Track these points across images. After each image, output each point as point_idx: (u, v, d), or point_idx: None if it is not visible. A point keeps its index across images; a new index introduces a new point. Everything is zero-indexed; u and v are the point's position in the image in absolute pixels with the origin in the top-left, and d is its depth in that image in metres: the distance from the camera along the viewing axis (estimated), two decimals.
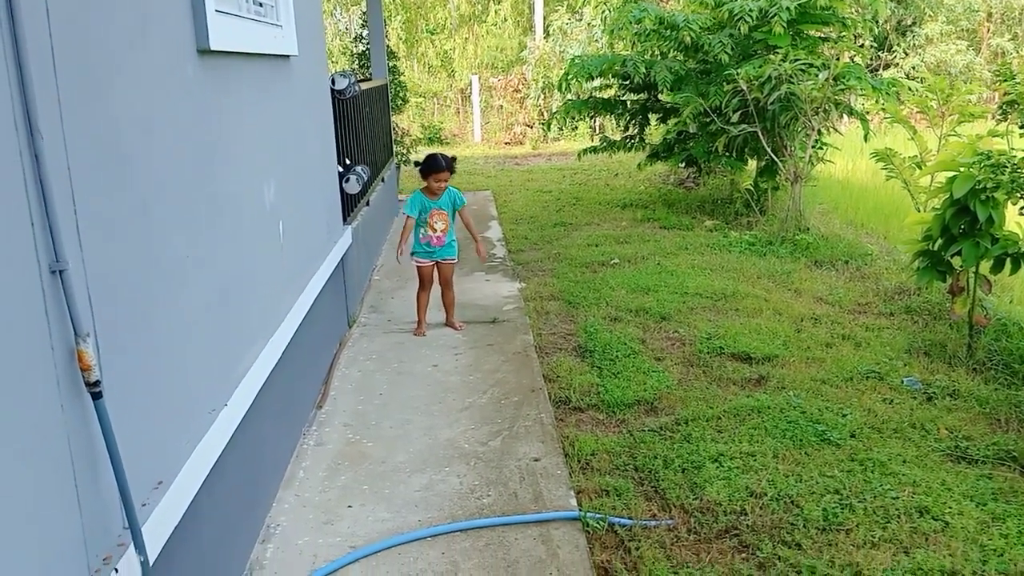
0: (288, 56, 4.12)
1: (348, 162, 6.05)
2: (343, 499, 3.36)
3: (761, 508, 3.23)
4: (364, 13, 10.43)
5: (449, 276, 5.59)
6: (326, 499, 3.36)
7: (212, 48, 2.70)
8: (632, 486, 3.48)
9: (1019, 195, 3.78)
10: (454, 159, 5.53)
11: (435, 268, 5.60)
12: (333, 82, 5.54)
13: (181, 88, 2.53)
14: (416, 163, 5.52)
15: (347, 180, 5.69)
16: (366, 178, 6.04)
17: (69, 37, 1.80)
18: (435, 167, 5.32)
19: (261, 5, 3.82)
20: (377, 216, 7.80)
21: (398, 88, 11.41)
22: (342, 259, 5.39)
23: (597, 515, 3.19)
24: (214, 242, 2.76)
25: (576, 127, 18.52)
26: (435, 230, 5.51)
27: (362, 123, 7.18)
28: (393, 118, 11.35)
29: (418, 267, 5.58)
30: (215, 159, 2.83)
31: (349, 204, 6.03)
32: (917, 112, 6.66)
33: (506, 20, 24.30)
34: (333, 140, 5.47)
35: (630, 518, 3.20)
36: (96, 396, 1.77)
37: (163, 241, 2.28)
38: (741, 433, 3.88)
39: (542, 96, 19.08)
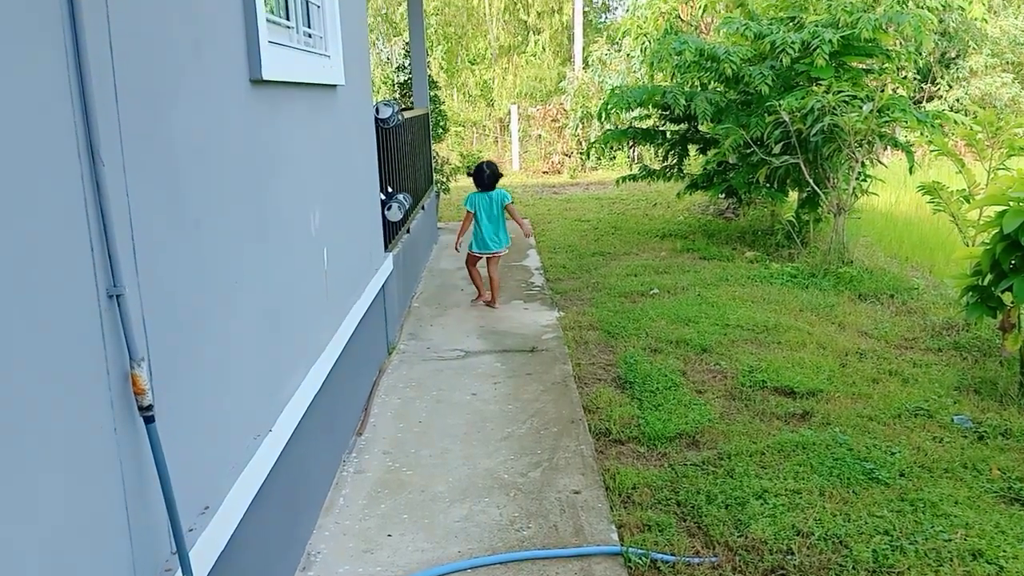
0: (335, 86, 4.18)
1: (390, 190, 6.10)
2: (383, 528, 3.34)
3: (808, 548, 3.15)
4: (407, 43, 10.58)
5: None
6: (366, 527, 3.35)
7: (265, 78, 2.75)
8: (674, 521, 3.42)
9: None
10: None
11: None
12: (377, 111, 5.62)
13: (234, 116, 2.58)
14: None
15: (389, 208, 5.74)
16: (407, 206, 6.09)
17: (130, 66, 1.84)
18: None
19: (310, 36, 3.90)
20: (417, 244, 7.85)
21: (439, 117, 11.53)
22: (383, 286, 5.42)
23: (639, 551, 3.13)
24: (262, 267, 2.79)
25: (614, 156, 18.55)
26: None
27: (404, 152, 7.26)
28: (433, 147, 11.46)
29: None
30: (264, 187, 2.87)
31: (390, 232, 6.07)
32: (964, 145, 6.56)
33: (545, 50, 24.54)
34: (376, 168, 5.53)
35: (673, 554, 3.15)
36: (148, 420, 1.78)
37: (214, 266, 2.31)
38: (786, 469, 3.80)
39: (580, 126, 19.15)
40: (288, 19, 3.44)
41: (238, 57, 2.62)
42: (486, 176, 6.86)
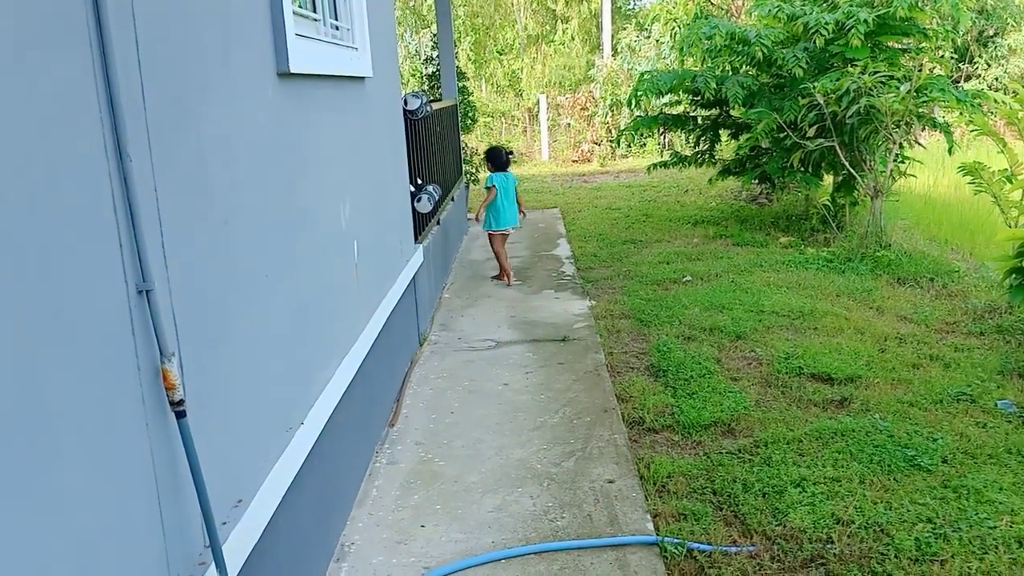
0: (363, 77, 4.18)
1: (420, 181, 6.10)
2: (416, 519, 3.35)
3: (849, 536, 3.10)
4: (435, 35, 10.56)
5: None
6: (399, 518, 3.35)
7: (292, 71, 2.75)
8: (711, 510, 3.38)
9: None
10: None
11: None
12: (405, 102, 5.61)
13: (262, 110, 2.57)
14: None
15: (419, 199, 5.73)
16: (437, 197, 6.08)
17: (156, 62, 1.84)
18: None
19: (338, 28, 3.89)
20: (447, 235, 7.84)
21: (467, 108, 11.51)
22: (413, 278, 5.42)
23: (675, 540, 3.10)
24: (292, 260, 2.79)
25: (644, 143, 18.40)
26: None
27: (433, 143, 7.25)
28: (462, 137, 11.45)
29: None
30: (293, 179, 2.87)
31: (420, 223, 6.07)
32: (1004, 124, 6.38)
33: (574, 39, 24.39)
34: (405, 160, 5.52)
35: (710, 544, 3.11)
36: (180, 415, 1.79)
37: (244, 259, 2.31)
38: (824, 457, 3.74)
39: (610, 113, 19.01)
40: (315, 12, 3.43)
41: (265, 51, 2.62)
42: (505, 157, 7.53)
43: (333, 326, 3.33)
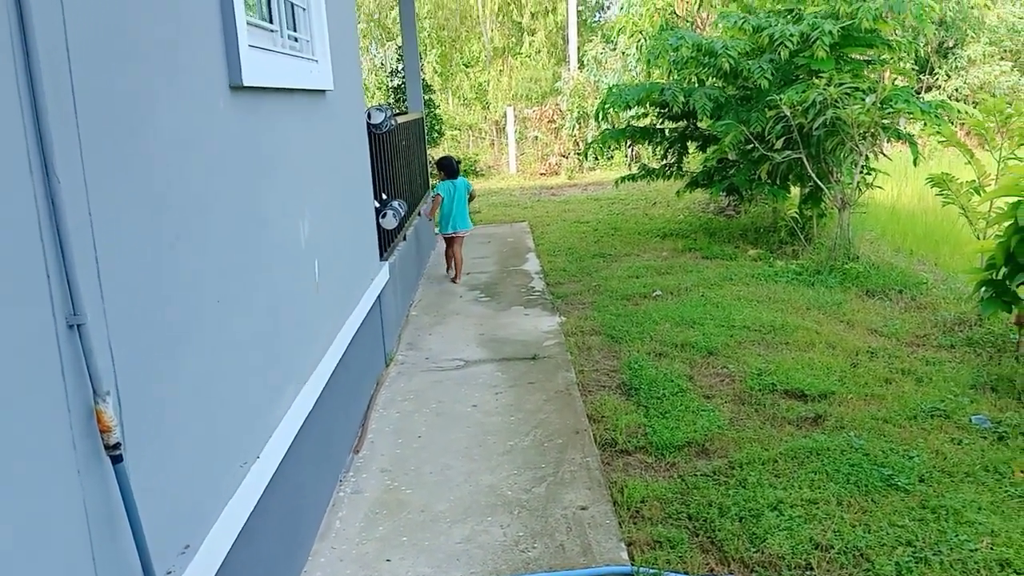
0: (324, 91, 4.04)
1: (385, 197, 5.96)
2: (382, 552, 3.20)
3: (828, 562, 3.01)
4: (399, 48, 10.44)
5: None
6: (363, 552, 3.20)
7: (245, 84, 2.61)
8: (687, 537, 3.27)
9: None
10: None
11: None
12: (369, 116, 5.47)
13: (214, 125, 2.44)
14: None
15: (384, 215, 5.60)
16: (403, 213, 5.94)
17: (90, 77, 1.70)
18: None
19: (296, 40, 3.76)
20: (414, 251, 7.70)
21: (434, 121, 11.39)
22: (379, 296, 5.28)
23: (651, 570, 2.99)
24: (248, 283, 2.65)
25: (612, 156, 18.41)
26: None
27: (398, 157, 7.11)
28: (429, 151, 11.33)
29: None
30: (248, 197, 2.72)
31: (386, 240, 5.93)
32: (965, 135, 6.40)
33: (540, 51, 24.41)
34: (369, 175, 5.39)
35: (686, 573, 3.00)
36: (116, 460, 1.64)
37: (193, 285, 2.17)
38: (800, 478, 3.65)
39: (577, 126, 19.01)
40: (272, 23, 3.29)
41: (217, 63, 2.48)
42: (455, 165, 8.14)
43: (293, 350, 3.18)
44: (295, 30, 3.78)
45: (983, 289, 4.64)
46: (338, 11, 4.47)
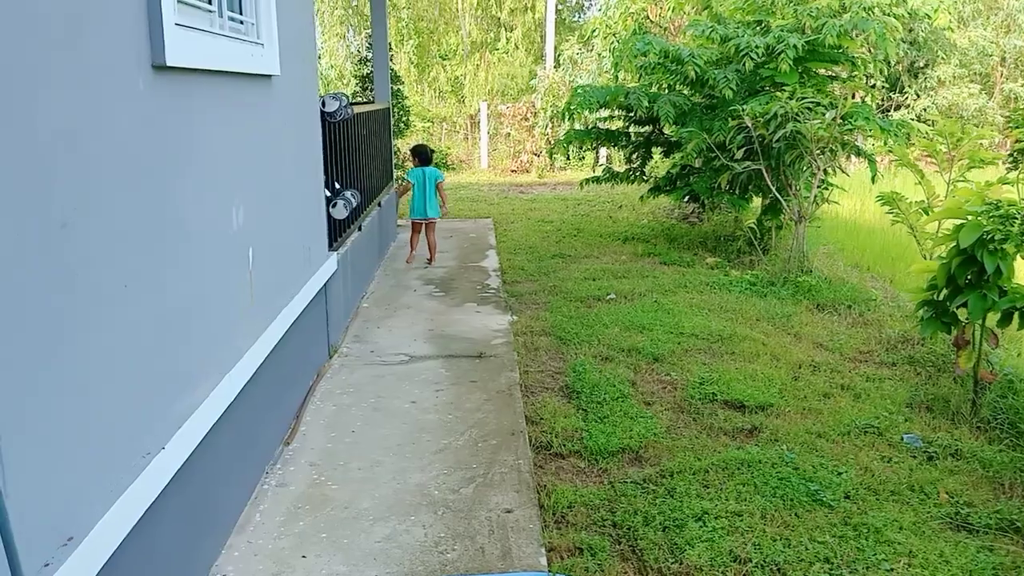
0: (269, 76, 3.96)
1: (337, 186, 5.88)
2: (298, 548, 3.14)
3: None
4: (370, 36, 10.34)
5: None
6: (279, 547, 3.14)
7: (169, 64, 2.53)
8: (608, 544, 3.25)
9: None
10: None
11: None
12: (323, 104, 5.39)
13: (129, 103, 2.36)
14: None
15: (334, 205, 5.52)
16: (355, 203, 5.87)
17: None
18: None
19: (242, 23, 3.68)
20: (370, 242, 7.62)
21: (402, 112, 11.30)
22: (325, 286, 5.21)
23: None
24: (160, 270, 2.57)
25: (583, 157, 18.41)
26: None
27: (356, 147, 7.03)
28: (397, 142, 11.24)
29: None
30: (167, 182, 2.65)
31: (337, 229, 5.85)
32: (926, 155, 6.48)
33: (517, 48, 24.34)
34: (320, 164, 5.31)
35: None
36: None
37: (87, 272, 2.09)
38: (728, 489, 3.65)
39: (550, 125, 18.98)
40: (210, 3, 3.21)
41: (136, 40, 2.40)
42: (429, 153, 8.58)
43: (214, 338, 3.11)
44: (241, 12, 3.70)
45: (924, 309, 4.67)
46: None
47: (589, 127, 11.01)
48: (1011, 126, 3.78)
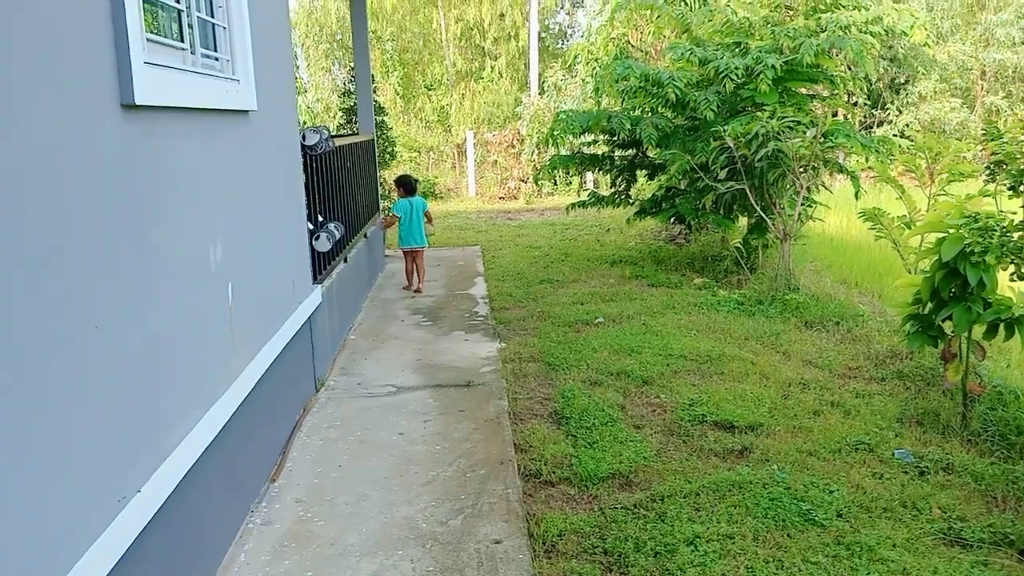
0: (246, 111, 3.96)
1: (321, 219, 5.87)
2: None
3: None
4: (351, 69, 10.40)
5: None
6: None
7: (138, 103, 2.53)
8: (599, 572, 3.21)
9: (1009, 260, 3.58)
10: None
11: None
12: (304, 137, 5.40)
13: (100, 144, 2.34)
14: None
15: (317, 238, 5.50)
16: (339, 235, 5.85)
17: None
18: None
19: (217, 60, 3.68)
20: (357, 274, 7.60)
21: (386, 143, 11.33)
22: (310, 320, 5.18)
23: None
24: (136, 307, 2.54)
25: (570, 182, 18.49)
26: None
27: (340, 179, 7.03)
28: (383, 173, 11.26)
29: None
30: (142, 220, 2.63)
31: (322, 262, 5.83)
32: (908, 171, 6.51)
33: (502, 76, 24.52)
34: (302, 197, 5.30)
35: None
36: None
37: (61, 310, 2.06)
38: (720, 512, 3.61)
39: (536, 151, 19.08)
40: (182, 41, 3.22)
41: (103, 80, 2.39)
42: (413, 184, 8.74)
43: (195, 375, 3.07)
44: (216, 49, 3.71)
45: (910, 323, 4.66)
46: (266, 30, 4.41)
47: (574, 152, 11.07)
48: (987, 139, 3.82)
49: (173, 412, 2.82)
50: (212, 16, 3.64)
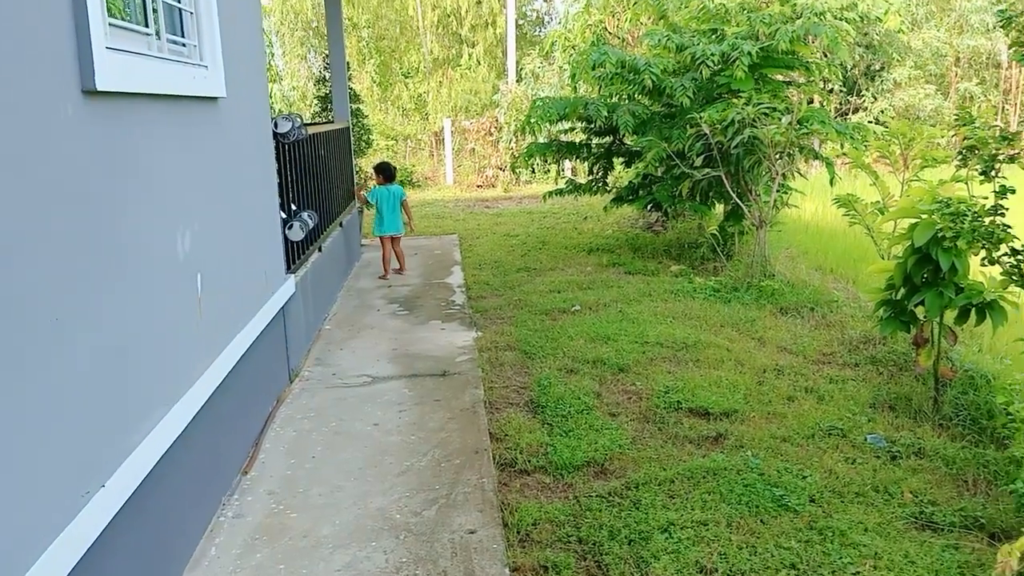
0: (215, 98, 3.90)
1: (294, 208, 5.81)
2: None
3: None
4: (326, 57, 10.29)
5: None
6: None
7: (99, 89, 2.47)
8: (574, 561, 3.20)
9: (980, 245, 3.60)
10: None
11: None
12: (275, 125, 5.33)
13: (58, 130, 2.29)
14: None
15: (290, 227, 5.44)
16: (312, 224, 5.79)
17: None
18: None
19: (184, 45, 3.62)
20: (332, 263, 7.54)
21: (362, 131, 11.24)
22: (283, 310, 5.13)
23: None
24: (99, 298, 2.49)
25: (548, 170, 18.45)
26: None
27: (314, 167, 6.96)
28: (359, 161, 11.17)
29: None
30: (104, 209, 2.58)
31: (296, 252, 5.77)
32: (882, 157, 6.54)
33: (479, 64, 24.39)
34: (275, 186, 5.24)
35: None
36: None
37: (18, 299, 2.01)
38: (694, 499, 3.62)
39: (514, 139, 19.01)
40: (147, 26, 3.15)
41: (65, 67, 2.34)
42: (391, 171, 8.69)
43: (160, 368, 3.02)
44: (183, 35, 3.64)
45: (883, 309, 4.69)
46: (236, 16, 4.34)
47: (552, 140, 11.03)
48: (958, 125, 3.84)
49: (139, 405, 2.77)
50: (179, 1, 3.57)
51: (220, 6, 3.92)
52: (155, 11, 3.20)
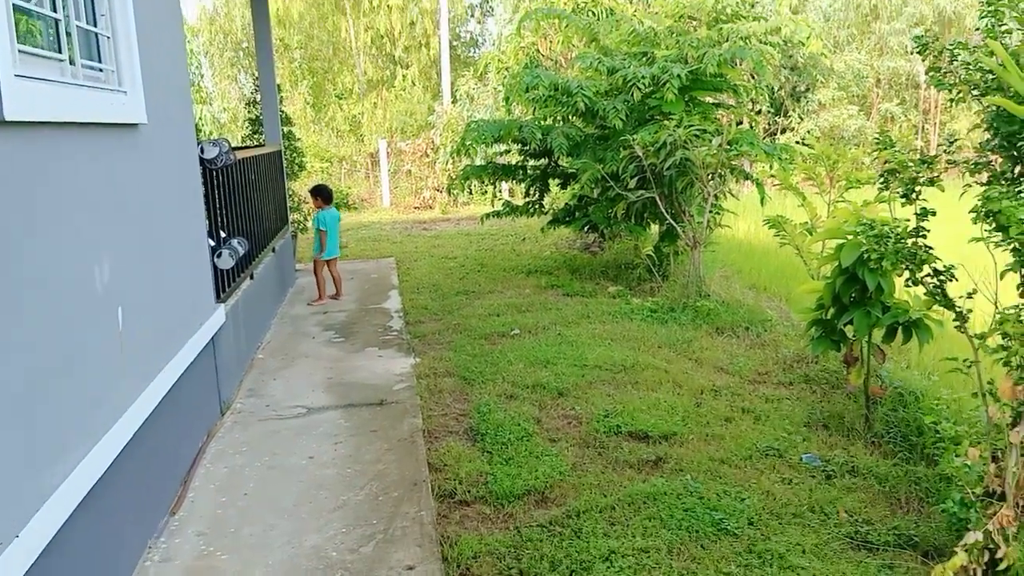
0: (135, 124, 3.77)
1: (223, 235, 5.66)
2: None
3: None
4: (256, 79, 10.12)
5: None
6: None
7: (7, 119, 2.34)
8: None
9: (904, 265, 3.69)
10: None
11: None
12: (202, 151, 5.18)
13: None
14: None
15: (219, 255, 5.29)
16: (243, 251, 5.64)
17: None
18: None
19: (101, 71, 3.49)
20: (264, 290, 7.36)
21: (294, 154, 11.06)
22: (213, 340, 4.97)
23: None
24: (8, 335, 2.35)
25: (486, 191, 18.46)
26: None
27: (244, 193, 6.80)
28: (292, 184, 10.97)
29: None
30: (16, 239, 2.44)
31: (224, 280, 5.61)
32: (809, 179, 6.70)
33: (414, 85, 24.36)
34: (202, 213, 5.09)
35: None
36: None
37: None
38: (635, 525, 3.60)
39: (451, 160, 18.99)
40: (59, 52, 3.02)
41: None
42: (329, 193, 8.60)
43: (79, 406, 2.88)
44: (100, 60, 3.51)
45: (814, 328, 4.77)
46: (156, 39, 4.21)
47: (488, 162, 11.04)
48: (879, 148, 3.93)
49: (54, 448, 2.63)
50: (95, 25, 3.44)
51: (139, 30, 3.80)
52: (69, 35, 3.07)
